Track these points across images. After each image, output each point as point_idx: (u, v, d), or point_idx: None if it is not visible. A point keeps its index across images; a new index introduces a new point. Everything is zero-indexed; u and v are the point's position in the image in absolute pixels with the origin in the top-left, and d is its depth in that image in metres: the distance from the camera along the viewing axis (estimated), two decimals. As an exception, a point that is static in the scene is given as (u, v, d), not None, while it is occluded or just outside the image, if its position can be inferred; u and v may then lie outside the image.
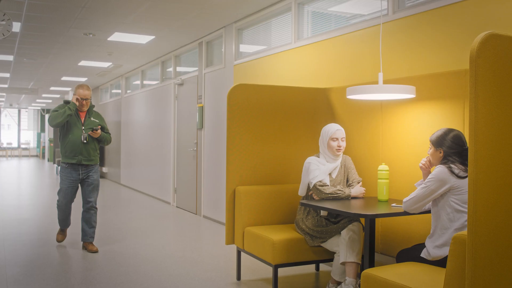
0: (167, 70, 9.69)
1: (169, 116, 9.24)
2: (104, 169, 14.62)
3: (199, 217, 7.69)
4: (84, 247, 5.39)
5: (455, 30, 3.55)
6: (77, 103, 5.25)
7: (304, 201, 3.75)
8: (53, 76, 12.91)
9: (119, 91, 13.11)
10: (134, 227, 6.79)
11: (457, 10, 3.55)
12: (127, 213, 8.24)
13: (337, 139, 3.86)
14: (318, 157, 3.95)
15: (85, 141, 5.21)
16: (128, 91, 12.36)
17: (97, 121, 5.40)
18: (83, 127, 5.28)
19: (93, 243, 5.44)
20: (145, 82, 11.13)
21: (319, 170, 3.82)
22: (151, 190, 10.30)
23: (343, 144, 3.86)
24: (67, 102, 5.28)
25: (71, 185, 5.29)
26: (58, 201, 5.43)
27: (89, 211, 5.37)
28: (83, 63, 10.47)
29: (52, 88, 16.22)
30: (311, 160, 3.90)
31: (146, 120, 10.72)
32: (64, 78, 13.36)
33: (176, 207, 8.83)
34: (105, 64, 10.70)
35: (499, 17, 3.25)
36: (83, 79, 13.47)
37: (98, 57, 9.80)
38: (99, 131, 5.25)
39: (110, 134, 5.52)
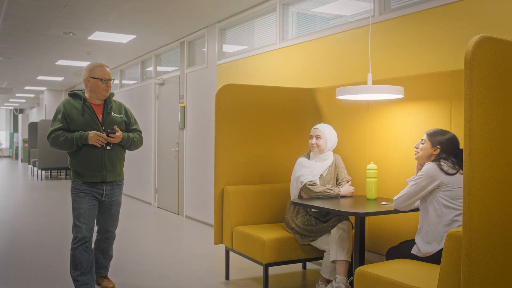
0: (147, 69, 9.63)
1: (149, 116, 9.19)
2: (81, 170, 14.43)
3: (182, 218, 7.67)
4: (98, 283, 4.03)
5: (441, 32, 3.64)
6: (91, 92, 3.70)
7: (296, 200, 3.78)
8: (28, 75, 12.71)
9: (97, 90, 12.95)
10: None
11: (442, 13, 3.64)
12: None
13: (312, 136, 3.95)
14: (309, 155, 4.00)
15: (108, 148, 3.63)
16: (106, 91, 12.22)
17: (120, 116, 3.79)
18: (103, 128, 3.66)
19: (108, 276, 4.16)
20: (123, 81, 11.04)
21: (310, 171, 3.87)
22: (131, 190, 10.22)
23: (318, 142, 3.91)
24: (73, 95, 3.74)
25: (93, 202, 3.67)
26: (76, 238, 3.60)
27: (108, 240, 3.96)
28: (60, 62, 10.34)
29: (26, 88, 15.97)
30: (302, 161, 3.93)
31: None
32: (40, 78, 13.17)
33: (157, 207, 8.79)
34: (83, 64, 10.57)
35: (485, 20, 3.35)
36: (59, 79, 13.29)
37: (76, 56, 9.69)
38: (118, 133, 3.64)
39: (140, 132, 3.91)
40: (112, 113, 3.73)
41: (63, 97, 16.82)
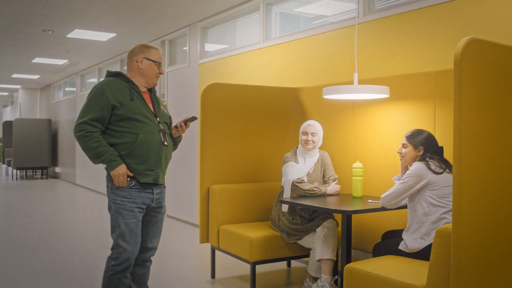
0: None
1: (129, 114, 9.10)
2: (57, 169, 14.24)
3: (163, 217, 7.63)
4: None
5: (425, 33, 3.71)
6: (139, 77, 3.09)
7: (289, 199, 3.80)
8: (3, 73, 12.48)
9: (74, 89, 12.79)
10: (96, 228, 6.66)
11: (426, 15, 3.71)
12: (87, 213, 8.08)
13: (306, 133, 3.96)
14: (295, 152, 4.02)
15: (165, 144, 3.06)
16: (83, 89, 12.09)
17: (166, 110, 3.24)
18: (158, 119, 3.07)
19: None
20: (102, 80, 10.91)
21: (299, 170, 3.89)
22: (110, 190, 10.12)
23: (313, 139, 3.94)
24: (116, 74, 3.06)
25: (140, 216, 3.00)
26: (117, 259, 2.97)
27: (147, 264, 3.22)
28: (37, 60, 10.17)
29: (0, 86, 15.66)
30: (288, 161, 3.95)
31: (103, 119, 10.50)
32: (15, 76, 12.94)
33: (137, 207, 8.72)
34: (61, 62, 10.43)
35: (468, 22, 3.43)
36: (35, 77, 13.08)
37: (54, 54, 9.55)
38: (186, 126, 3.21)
39: None
40: (161, 106, 3.16)
41: (39, 96, 16.50)
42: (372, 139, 4.02)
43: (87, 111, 2.92)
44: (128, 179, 2.94)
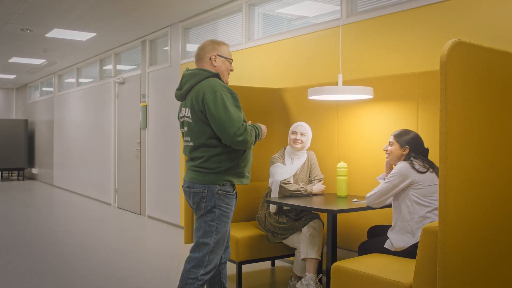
0: (104, 68, 9.47)
1: (108, 115, 9.04)
2: (34, 170, 14.03)
3: (144, 218, 7.60)
4: None
5: (406, 35, 3.78)
6: (226, 73, 3.06)
7: (275, 199, 3.81)
8: (-23, 73, 12.25)
9: (51, 89, 12.63)
10: (77, 229, 6.60)
11: (408, 17, 3.78)
12: (66, 215, 7.99)
13: (295, 132, 3.98)
14: (283, 153, 4.04)
15: None
16: (61, 89, 11.94)
17: None
18: None
19: None
20: (80, 80, 10.81)
21: (286, 171, 3.91)
22: (89, 191, 10.03)
23: (302, 139, 3.97)
24: (218, 76, 2.95)
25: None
26: (208, 266, 2.86)
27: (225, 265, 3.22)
28: (14, 59, 10.00)
29: (-26, 86, 15.36)
30: (275, 162, 3.98)
31: (83, 119, 10.41)
32: (-10, 75, 12.71)
33: (118, 208, 8.66)
34: (38, 61, 10.28)
35: (451, 24, 3.50)
36: (11, 76, 12.87)
37: (31, 54, 9.41)
38: None
39: None
40: None
41: (14, 96, 16.22)
42: (355, 139, 4.07)
43: (237, 114, 2.84)
44: (233, 191, 2.94)
